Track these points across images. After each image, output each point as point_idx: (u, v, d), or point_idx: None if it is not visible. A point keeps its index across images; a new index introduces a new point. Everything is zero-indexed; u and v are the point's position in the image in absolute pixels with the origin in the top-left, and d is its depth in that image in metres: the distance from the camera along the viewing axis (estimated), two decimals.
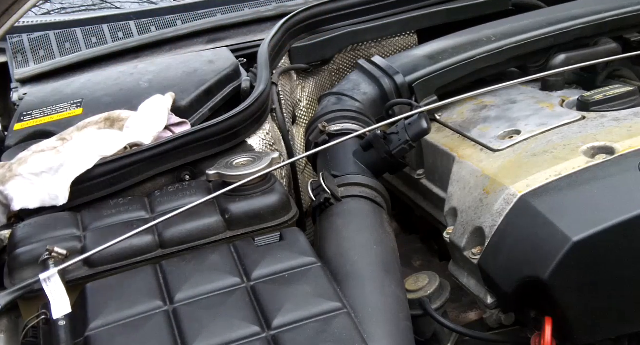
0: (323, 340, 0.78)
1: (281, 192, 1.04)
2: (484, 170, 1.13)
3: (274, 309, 0.82)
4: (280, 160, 1.11)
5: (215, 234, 1.01)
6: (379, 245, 1.01)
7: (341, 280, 0.92)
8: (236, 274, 0.89)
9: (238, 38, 1.64)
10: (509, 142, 1.17)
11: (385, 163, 1.19)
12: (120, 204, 1.08)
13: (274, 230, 1.01)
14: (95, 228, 1.03)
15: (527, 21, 1.49)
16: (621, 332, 0.98)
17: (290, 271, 0.89)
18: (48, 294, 0.83)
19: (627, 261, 0.92)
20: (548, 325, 0.95)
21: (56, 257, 0.92)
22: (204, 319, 0.82)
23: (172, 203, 1.05)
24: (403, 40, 1.73)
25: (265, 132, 1.26)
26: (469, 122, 1.30)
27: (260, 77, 1.32)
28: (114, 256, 0.97)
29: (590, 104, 1.21)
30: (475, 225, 1.08)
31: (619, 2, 1.51)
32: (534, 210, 0.98)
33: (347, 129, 1.27)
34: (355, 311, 0.85)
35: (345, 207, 1.09)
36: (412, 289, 1.12)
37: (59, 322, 0.83)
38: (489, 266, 1.03)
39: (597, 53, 1.45)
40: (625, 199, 0.94)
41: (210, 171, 1.05)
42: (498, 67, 1.46)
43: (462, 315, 1.23)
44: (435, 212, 1.32)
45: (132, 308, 0.85)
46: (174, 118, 1.27)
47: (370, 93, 1.39)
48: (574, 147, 1.08)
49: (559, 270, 0.91)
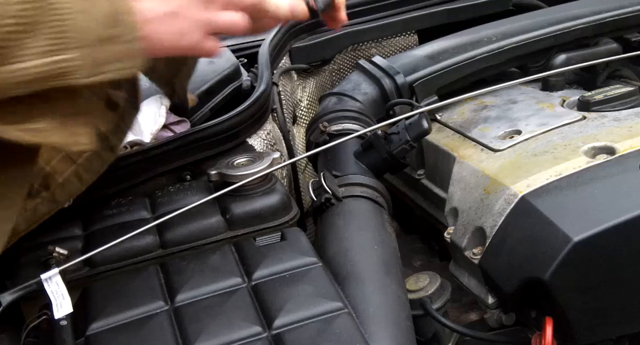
0: (324, 340, 0.78)
1: (282, 192, 1.04)
2: (484, 170, 1.13)
3: (275, 309, 0.82)
4: (281, 160, 1.11)
5: (216, 234, 1.01)
6: (379, 245, 1.01)
7: (342, 280, 0.92)
8: (237, 274, 0.89)
9: (238, 38, 1.64)
10: (510, 142, 1.17)
11: (386, 163, 1.19)
12: (121, 203, 1.08)
13: (274, 230, 1.01)
14: (96, 228, 1.03)
15: (528, 21, 1.49)
16: (622, 332, 0.98)
17: (291, 271, 0.89)
18: (49, 294, 0.83)
19: (628, 261, 0.92)
20: (549, 325, 0.95)
21: (57, 257, 0.92)
22: (205, 319, 0.82)
23: (173, 203, 1.05)
24: (403, 40, 1.73)
25: (266, 132, 1.26)
26: (469, 122, 1.30)
27: (260, 77, 1.32)
28: (115, 256, 0.97)
29: (590, 104, 1.21)
30: (476, 225, 1.08)
31: (619, 2, 1.51)
32: (535, 210, 0.98)
33: (347, 129, 1.27)
34: (356, 311, 0.85)
35: (346, 207, 1.10)
36: (412, 289, 1.12)
37: (61, 322, 0.83)
38: (489, 266, 1.03)
39: (597, 53, 1.45)
40: (626, 199, 0.94)
41: (212, 171, 1.05)
42: (498, 67, 1.46)
43: (462, 315, 1.23)
44: (436, 212, 1.32)
45: (133, 308, 0.85)
46: (173, 117, 1.28)
47: (370, 93, 1.39)
48: (575, 147, 1.08)
49: (559, 270, 0.91)
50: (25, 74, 0.68)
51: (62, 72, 0.70)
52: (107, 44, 0.73)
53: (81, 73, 0.72)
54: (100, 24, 0.71)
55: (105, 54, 0.73)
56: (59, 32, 0.68)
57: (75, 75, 0.71)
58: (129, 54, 0.76)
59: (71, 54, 0.70)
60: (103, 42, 0.72)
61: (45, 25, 0.68)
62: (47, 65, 0.69)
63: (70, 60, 0.70)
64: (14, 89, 0.69)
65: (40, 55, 0.68)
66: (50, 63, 0.69)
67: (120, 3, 0.74)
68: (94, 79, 0.73)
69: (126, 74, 0.77)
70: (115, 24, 0.73)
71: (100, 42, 0.72)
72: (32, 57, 0.68)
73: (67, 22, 0.69)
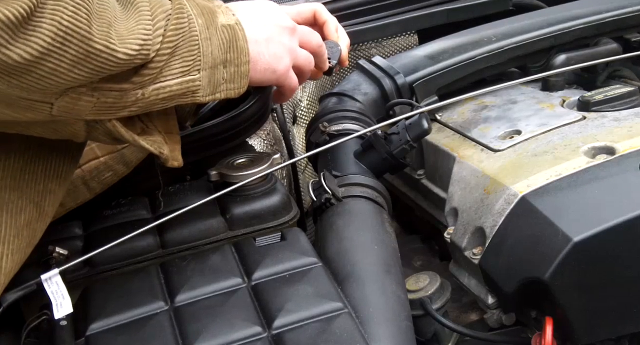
0: (324, 340, 0.78)
1: (282, 192, 1.04)
2: (484, 170, 1.13)
3: (275, 309, 0.83)
4: (281, 161, 1.11)
5: (216, 234, 1.01)
6: (379, 245, 1.01)
7: (342, 280, 0.92)
8: (237, 274, 0.89)
9: None
10: (510, 142, 1.17)
11: (386, 163, 1.19)
12: (121, 203, 1.08)
13: (274, 230, 1.01)
14: (96, 228, 1.03)
15: (528, 21, 1.49)
16: (622, 332, 0.98)
17: (291, 271, 0.89)
18: (49, 294, 0.83)
19: (628, 261, 0.92)
20: (549, 325, 0.95)
21: (57, 257, 0.92)
22: (205, 319, 0.82)
23: (173, 203, 1.05)
24: (403, 40, 1.73)
25: (265, 132, 1.26)
26: (469, 122, 1.30)
27: None
28: (115, 256, 0.97)
29: (590, 104, 1.21)
30: (475, 225, 1.08)
31: (619, 2, 1.51)
32: (535, 210, 0.98)
33: (347, 129, 1.27)
34: (356, 311, 0.85)
35: (346, 207, 1.09)
36: (412, 289, 1.12)
37: (60, 323, 0.83)
38: (489, 266, 1.03)
39: (597, 53, 1.45)
40: (626, 199, 0.94)
41: (212, 171, 1.05)
42: (498, 67, 1.46)
43: (462, 315, 1.23)
44: (436, 212, 1.32)
45: (133, 308, 0.85)
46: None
47: (370, 93, 1.39)
48: (575, 147, 1.08)
49: (559, 270, 0.91)
50: (168, 91, 0.79)
51: (189, 91, 0.81)
52: (223, 66, 0.84)
53: (203, 92, 0.83)
54: (220, 49, 0.83)
55: (222, 75, 0.84)
56: (191, 55, 0.79)
57: (199, 93, 0.82)
58: (239, 76, 0.87)
59: (197, 74, 0.80)
60: (220, 65, 0.83)
61: (183, 49, 0.78)
62: (181, 84, 0.79)
63: (197, 80, 0.81)
64: (158, 104, 0.80)
65: (179, 75, 0.79)
66: (183, 82, 0.80)
67: (236, 31, 0.86)
68: (212, 97, 0.85)
69: (235, 93, 0.88)
70: (230, 49, 0.84)
71: (218, 65, 0.83)
72: (174, 76, 0.78)
73: (197, 47, 0.80)
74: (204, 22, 0.81)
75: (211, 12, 0.83)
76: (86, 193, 1.04)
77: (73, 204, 1.04)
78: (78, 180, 1.03)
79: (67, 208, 1.04)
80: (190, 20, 0.79)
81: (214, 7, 0.85)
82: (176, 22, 0.77)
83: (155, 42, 0.74)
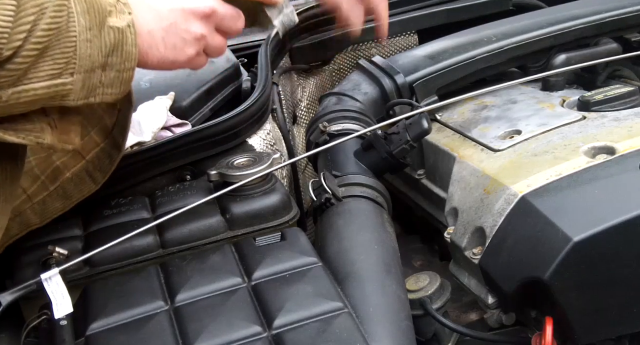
0: (324, 340, 0.78)
1: (282, 192, 1.04)
2: (484, 170, 1.13)
3: (275, 308, 0.83)
4: (281, 160, 1.11)
5: (216, 233, 1.01)
6: (379, 245, 1.01)
7: (342, 280, 0.92)
8: (237, 274, 0.89)
9: (238, 38, 1.64)
10: (510, 142, 1.17)
11: (386, 163, 1.19)
12: (121, 203, 1.08)
13: (274, 230, 1.01)
14: (96, 228, 1.03)
15: (528, 21, 1.49)
16: (622, 332, 0.98)
17: (291, 271, 0.89)
18: (49, 294, 0.83)
19: (628, 261, 0.92)
20: (549, 325, 0.95)
21: (57, 257, 0.92)
22: (205, 319, 0.82)
23: (173, 203, 1.05)
24: (403, 40, 1.73)
25: (265, 132, 1.26)
26: (469, 122, 1.30)
27: (260, 77, 1.32)
28: (115, 256, 0.97)
29: (590, 104, 1.21)
30: (475, 225, 1.08)
31: (619, 2, 1.51)
32: (535, 210, 0.98)
33: (347, 129, 1.27)
34: (356, 311, 0.85)
35: (346, 206, 1.10)
36: (412, 289, 1.12)
37: (60, 322, 0.83)
38: (489, 266, 1.03)
39: (597, 53, 1.45)
40: (626, 199, 0.94)
41: (212, 171, 1.05)
42: (498, 67, 1.46)
43: (462, 315, 1.23)
44: (436, 212, 1.32)
45: (133, 308, 0.85)
46: (174, 119, 1.28)
47: (370, 93, 1.39)
48: (575, 147, 1.08)
49: (559, 270, 0.91)
50: (32, 94, 0.72)
51: (58, 95, 0.74)
52: (102, 70, 0.77)
53: (75, 96, 0.76)
54: (100, 52, 0.76)
55: (99, 79, 0.78)
56: (65, 57, 0.72)
57: (69, 97, 0.75)
58: (120, 81, 0.80)
59: (69, 78, 0.74)
60: (98, 69, 0.77)
61: (55, 50, 0.71)
62: (49, 87, 0.73)
63: (68, 84, 0.74)
64: (19, 108, 0.73)
65: (47, 78, 0.72)
66: (52, 86, 0.73)
67: (126, 35, 0.78)
68: (84, 101, 0.77)
69: (112, 98, 0.81)
70: (114, 53, 0.77)
71: (96, 69, 0.76)
72: (41, 79, 0.72)
73: (72, 48, 0.73)
74: (88, 22, 0.73)
75: (100, 11, 0.75)
76: (91, 184, 1.03)
77: (80, 196, 1.03)
78: (83, 172, 1.02)
79: (73, 200, 1.03)
80: (70, 19, 0.71)
81: (106, 6, 0.76)
82: (50, 20, 0.69)
83: (13, 39, 0.66)
